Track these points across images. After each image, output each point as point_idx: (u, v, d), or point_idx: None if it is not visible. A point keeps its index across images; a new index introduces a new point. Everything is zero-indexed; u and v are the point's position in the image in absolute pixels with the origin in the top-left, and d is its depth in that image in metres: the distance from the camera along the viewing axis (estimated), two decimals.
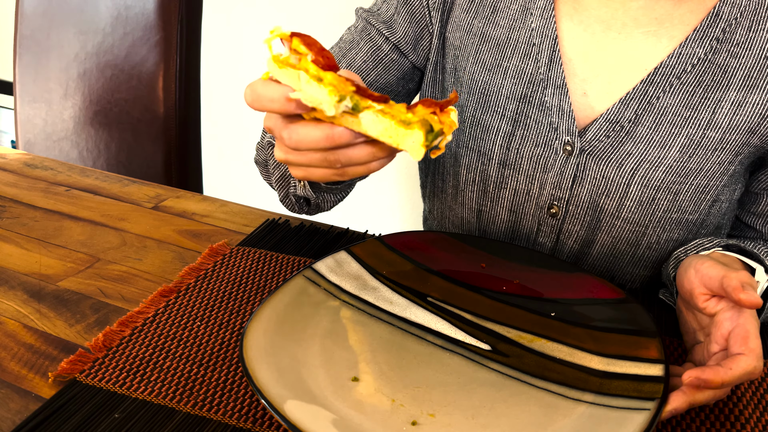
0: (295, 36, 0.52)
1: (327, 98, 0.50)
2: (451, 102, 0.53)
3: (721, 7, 0.70)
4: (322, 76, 0.50)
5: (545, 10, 0.75)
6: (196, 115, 1.35)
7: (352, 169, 0.55)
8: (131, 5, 1.28)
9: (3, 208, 0.90)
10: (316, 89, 0.50)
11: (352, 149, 0.53)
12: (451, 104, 0.53)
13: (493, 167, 0.79)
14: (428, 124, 0.51)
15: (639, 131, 0.73)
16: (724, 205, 0.76)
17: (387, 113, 0.51)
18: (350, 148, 0.53)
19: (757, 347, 0.55)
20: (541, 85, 0.76)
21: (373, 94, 0.51)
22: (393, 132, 0.51)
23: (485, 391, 0.58)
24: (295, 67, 0.51)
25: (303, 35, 0.52)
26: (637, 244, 0.77)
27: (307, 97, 0.50)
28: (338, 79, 0.50)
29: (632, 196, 0.74)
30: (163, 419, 0.56)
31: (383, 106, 0.51)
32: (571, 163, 0.75)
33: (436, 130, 0.51)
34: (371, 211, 1.97)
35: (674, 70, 0.71)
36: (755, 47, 0.69)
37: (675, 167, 0.72)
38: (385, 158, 0.54)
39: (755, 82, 0.70)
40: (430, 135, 0.51)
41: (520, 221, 0.81)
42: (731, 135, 0.71)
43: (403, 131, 0.50)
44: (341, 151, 0.53)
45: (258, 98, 0.52)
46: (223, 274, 0.75)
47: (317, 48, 0.52)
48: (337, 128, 0.51)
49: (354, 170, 0.55)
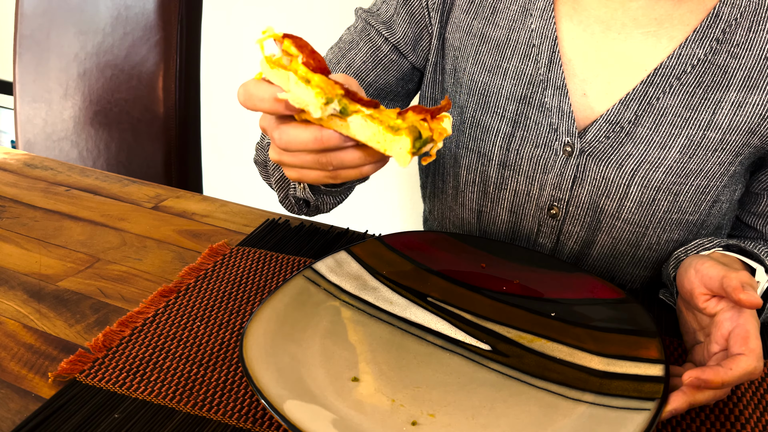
0: (287, 37, 0.52)
1: (313, 100, 0.50)
2: (443, 109, 0.54)
3: (720, 8, 0.70)
4: (309, 77, 0.50)
5: (545, 11, 0.75)
6: (196, 115, 1.35)
7: (344, 172, 0.55)
8: (131, 5, 1.28)
9: (3, 208, 0.90)
10: (304, 91, 0.50)
11: (342, 152, 0.53)
12: (443, 111, 0.54)
13: (493, 168, 0.79)
14: (417, 131, 0.51)
15: (639, 132, 0.73)
16: (724, 205, 0.76)
17: (376, 118, 0.51)
18: (341, 152, 0.53)
19: (757, 347, 0.55)
20: (540, 86, 0.76)
21: (363, 99, 0.51)
22: (381, 137, 0.51)
23: (485, 391, 0.58)
24: (286, 68, 0.51)
25: (294, 37, 0.52)
26: (637, 245, 0.77)
27: (295, 99, 0.51)
28: (326, 81, 0.50)
29: (632, 197, 0.74)
30: (163, 419, 0.56)
31: (372, 111, 0.51)
32: (571, 164, 0.75)
33: (424, 137, 0.51)
34: (371, 211, 1.97)
35: (674, 70, 0.71)
36: (755, 48, 0.69)
37: (675, 168, 0.72)
38: (376, 163, 0.55)
39: (755, 83, 0.70)
40: (417, 142, 0.51)
41: (520, 222, 0.81)
42: (731, 135, 0.71)
43: (390, 137, 0.51)
44: (332, 154, 0.53)
45: (249, 97, 0.53)
46: (223, 274, 0.75)
47: (308, 50, 0.52)
48: (326, 131, 0.51)
49: (346, 173, 0.55)
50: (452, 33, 0.81)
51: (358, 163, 0.54)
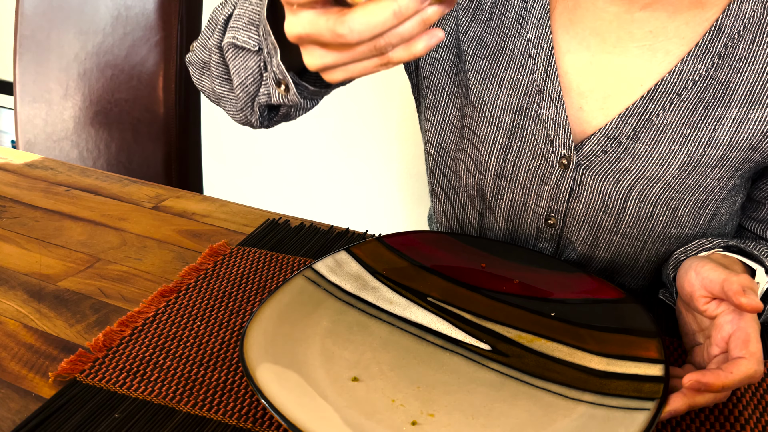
0: None
1: None
2: None
3: (724, 20, 0.68)
4: None
5: (541, 20, 0.74)
6: (196, 115, 1.35)
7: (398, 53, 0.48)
8: (131, 5, 1.28)
9: (3, 208, 0.90)
10: None
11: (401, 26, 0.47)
12: None
13: (489, 177, 0.78)
14: None
15: (637, 148, 0.71)
16: (724, 217, 0.75)
17: None
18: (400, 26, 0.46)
19: (757, 351, 0.55)
20: (537, 97, 0.74)
21: None
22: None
23: (485, 391, 0.58)
24: None
25: None
26: (636, 258, 0.76)
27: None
28: None
29: (630, 212, 0.73)
30: (163, 419, 0.56)
31: None
32: (567, 177, 0.74)
33: None
34: (371, 211, 1.97)
35: (675, 87, 0.69)
36: (758, 62, 0.67)
37: (673, 184, 0.71)
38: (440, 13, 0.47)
39: (758, 98, 0.68)
40: None
41: (517, 230, 0.81)
42: (732, 152, 0.70)
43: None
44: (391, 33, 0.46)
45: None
46: (223, 274, 0.75)
47: None
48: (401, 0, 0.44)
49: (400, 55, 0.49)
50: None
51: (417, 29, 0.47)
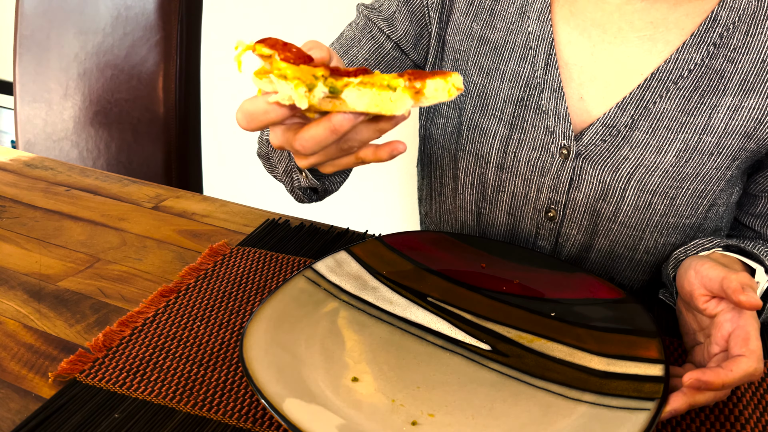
0: (257, 43, 0.51)
1: (294, 92, 0.49)
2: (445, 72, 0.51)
3: (719, 11, 0.69)
4: (284, 72, 0.49)
5: (541, 14, 0.75)
6: (196, 115, 1.35)
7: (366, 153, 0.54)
8: (131, 5, 1.28)
9: (3, 208, 0.90)
10: (285, 86, 0.49)
11: (358, 131, 0.52)
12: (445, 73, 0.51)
13: (490, 171, 0.79)
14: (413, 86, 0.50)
15: (635, 136, 0.73)
16: (721, 209, 0.76)
17: (367, 83, 0.49)
18: (356, 131, 0.52)
19: (757, 349, 0.55)
20: (537, 89, 0.76)
21: (349, 71, 0.50)
22: (378, 99, 0.49)
23: (485, 391, 0.58)
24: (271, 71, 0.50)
25: (264, 39, 0.51)
26: (634, 248, 0.77)
27: (282, 96, 0.50)
28: (302, 70, 0.49)
29: (629, 201, 0.74)
30: (163, 419, 0.56)
31: (362, 77, 0.50)
32: (567, 167, 0.75)
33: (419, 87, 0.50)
34: (371, 211, 1.97)
35: (671, 75, 0.71)
36: (753, 52, 0.69)
37: (671, 172, 0.72)
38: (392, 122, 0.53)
39: (752, 87, 0.69)
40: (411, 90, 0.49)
41: (518, 225, 0.81)
42: (727, 140, 0.71)
43: (387, 95, 0.49)
44: (350, 136, 0.52)
45: (251, 116, 0.52)
46: (223, 274, 0.75)
47: (280, 45, 0.51)
48: (335, 116, 0.50)
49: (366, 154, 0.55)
50: (452, 35, 0.81)
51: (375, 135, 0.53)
